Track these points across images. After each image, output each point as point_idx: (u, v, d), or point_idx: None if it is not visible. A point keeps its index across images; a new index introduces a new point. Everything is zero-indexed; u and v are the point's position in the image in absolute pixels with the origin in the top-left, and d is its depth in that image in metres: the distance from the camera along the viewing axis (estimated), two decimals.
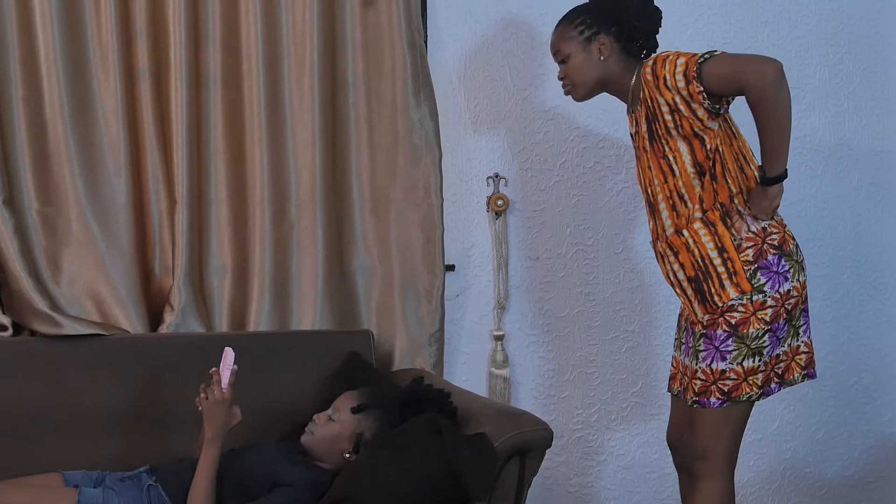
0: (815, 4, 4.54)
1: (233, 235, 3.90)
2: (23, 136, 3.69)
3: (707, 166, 3.23)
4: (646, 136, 3.32)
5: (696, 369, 3.30)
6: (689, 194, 3.26)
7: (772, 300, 3.23)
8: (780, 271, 3.25)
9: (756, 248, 3.24)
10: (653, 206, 3.37)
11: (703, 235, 3.26)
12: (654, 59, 3.27)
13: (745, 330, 3.22)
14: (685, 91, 3.17)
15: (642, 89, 3.30)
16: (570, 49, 3.43)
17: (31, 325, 3.64)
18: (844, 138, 4.61)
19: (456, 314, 4.23)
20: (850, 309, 4.67)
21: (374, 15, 3.98)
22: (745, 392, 3.28)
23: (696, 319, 3.32)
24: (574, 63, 3.43)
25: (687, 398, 3.36)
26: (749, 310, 3.22)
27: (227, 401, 3.18)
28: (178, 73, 3.76)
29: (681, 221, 3.29)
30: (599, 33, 3.40)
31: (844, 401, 4.68)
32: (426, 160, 4.02)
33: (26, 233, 3.69)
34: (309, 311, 3.93)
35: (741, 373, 3.25)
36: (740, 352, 3.24)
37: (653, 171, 3.33)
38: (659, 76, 3.22)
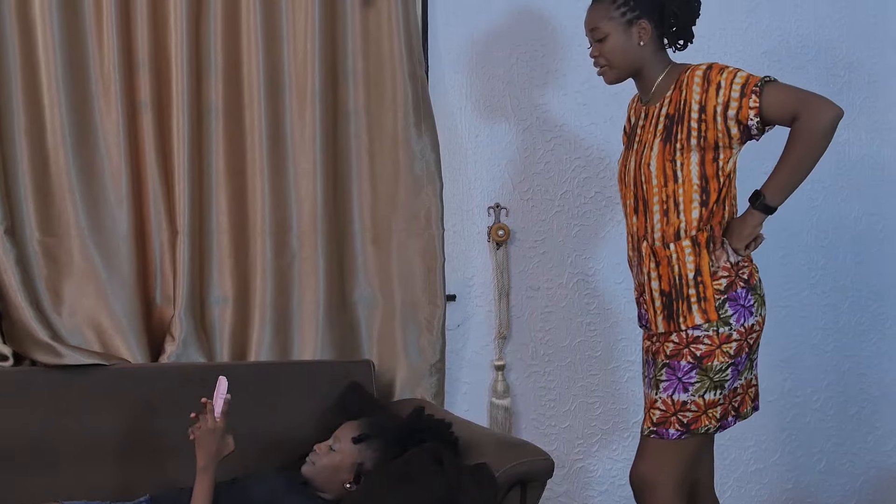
0: (814, 35, 4.56)
1: (234, 265, 3.90)
2: (25, 167, 3.69)
3: (714, 186, 3.20)
4: (660, 133, 3.25)
5: (657, 399, 3.25)
6: (685, 206, 3.21)
7: (737, 334, 3.19)
8: (746, 305, 3.21)
9: (729, 279, 3.20)
10: (645, 204, 3.28)
11: (688, 255, 3.21)
12: (710, 65, 3.20)
13: (710, 363, 3.18)
14: (736, 103, 3.12)
15: (677, 88, 3.24)
16: (610, 29, 3.30)
17: (31, 354, 3.64)
18: (845, 168, 4.62)
19: (457, 344, 4.23)
20: (851, 339, 4.67)
21: (376, 46, 3.99)
22: (704, 424, 3.22)
23: (658, 335, 3.28)
24: (613, 44, 3.30)
25: (643, 427, 3.29)
26: (715, 342, 3.18)
27: (219, 429, 3.16)
28: (180, 104, 3.77)
29: (669, 231, 3.23)
30: (641, 17, 3.29)
31: (846, 431, 4.68)
32: (427, 190, 4.03)
33: (28, 263, 3.70)
34: (310, 341, 3.93)
35: (702, 405, 3.20)
36: (703, 384, 3.19)
37: (653, 170, 3.25)
38: (713, 81, 3.16)
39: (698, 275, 3.19)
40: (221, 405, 3.16)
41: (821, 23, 4.57)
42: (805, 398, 4.63)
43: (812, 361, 4.62)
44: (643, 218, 3.30)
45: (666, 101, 3.27)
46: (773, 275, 4.55)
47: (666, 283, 3.25)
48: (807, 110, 3.08)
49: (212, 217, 3.88)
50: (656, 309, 3.28)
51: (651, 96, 3.35)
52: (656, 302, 3.28)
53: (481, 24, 4.22)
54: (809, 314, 4.62)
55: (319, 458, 3.36)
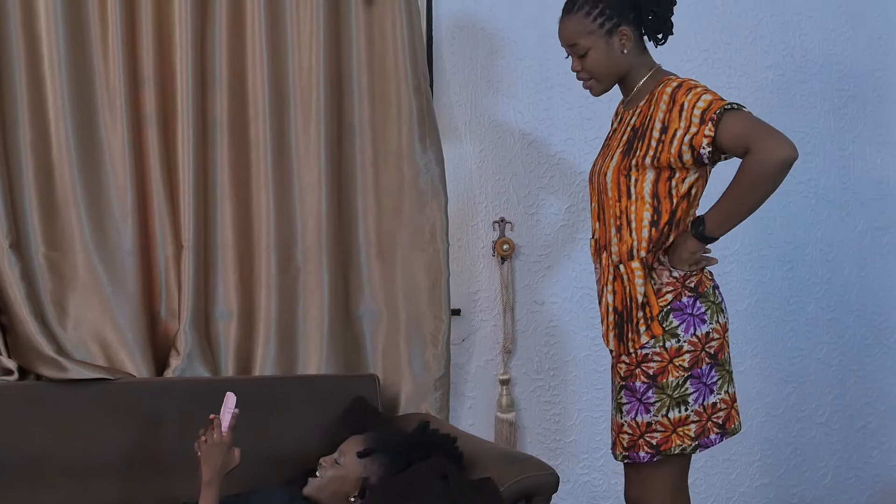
0: (819, 49, 4.56)
1: (239, 280, 3.90)
2: (30, 181, 3.70)
3: (666, 206, 3.13)
4: (623, 144, 3.19)
5: (623, 423, 3.20)
6: (637, 224, 3.15)
7: (688, 345, 3.12)
8: (694, 313, 3.14)
9: (675, 292, 3.14)
10: (604, 213, 3.23)
11: (637, 277, 3.15)
12: (680, 83, 3.12)
13: (665, 379, 3.12)
14: (695, 128, 3.04)
15: (648, 101, 3.18)
16: (591, 43, 3.20)
17: (36, 369, 3.64)
18: (849, 182, 4.62)
19: (462, 358, 4.23)
20: (856, 353, 4.66)
21: (380, 60, 4.00)
22: (677, 444, 3.15)
23: (606, 345, 3.25)
24: (596, 57, 3.21)
25: (616, 453, 3.25)
26: (665, 358, 3.12)
27: (226, 443, 3.16)
28: (185, 119, 3.78)
29: (622, 248, 3.17)
30: (621, 24, 3.19)
31: (852, 445, 4.67)
32: (432, 205, 4.03)
33: (33, 277, 3.70)
34: (315, 355, 3.93)
35: (668, 424, 3.14)
36: (663, 402, 3.13)
37: (609, 181, 3.19)
38: (677, 101, 3.09)
39: (645, 296, 3.14)
40: (229, 419, 3.17)
41: (825, 36, 4.57)
42: (810, 412, 4.62)
43: (817, 376, 4.62)
44: (603, 227, 3.25)
45: (637, 111, 3.21)
46: (778, 289, 4.56)
47: (619, 301, 3.20)
48: (759, 147, 2.97)
49: (217, 231, 3.88)
50: (609, 324, 3.24)
51: (630, 99, 3.29)
52: (609, 317, 3.24)
53: (486, 38, 4.22)
54: (814, 328, 4.62)
55: (324, 472, 3.36)
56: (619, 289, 3.19)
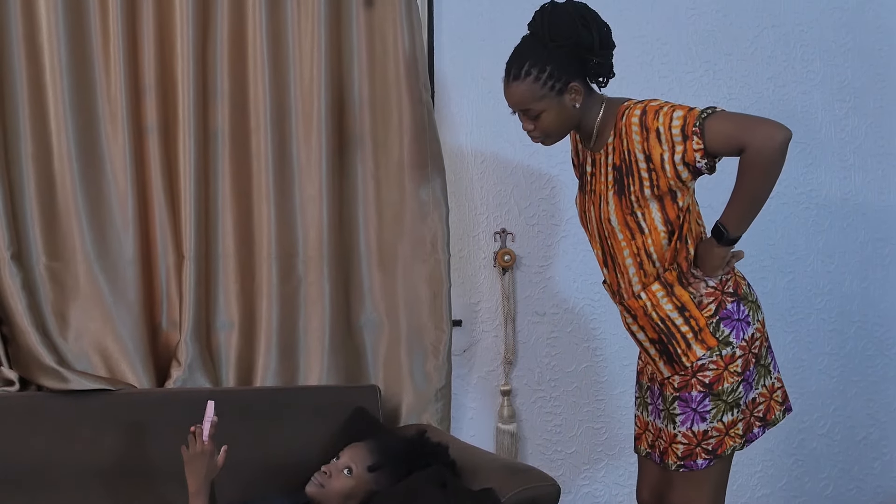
0: (820, 60, 4.57)
1: (240, 290, 3.90)
2: (31, 191, 3.70)
3: (676, 225, 3.15)
4: (612, 186, 3.18)
5: (676, 433, 3.21)
6: (658, 254, 3.16)
7: (740, 350, 3.15)
8: (741, 318, 3.17)
9: (716, 301, 3.16)
10: (614, 259, 3.24)
11: (661, 297, 3.17)
12: (643, 108, 3.10)
13: (721, 387, 3.15)
14: (680, 147, 3.03)
15: (617, 136, 3.16)
16: (544, 106, 3.17)
17: (38, 379, 3.64)
18: (850, 193, 4.62)
19: (463, 369, 4.23)
20: (858, 364, 4.66)
21: (382, 71, 4.00)
22: (729, 446, 3.20)
23: (662, 378, 3.24)
24: (549, 119, 3.19)
25: (668, 463, 3.26)
26: (721, 365, 3.14)
27: (206, 452, 3.16)
28: (187, 129, 3.78)
29: (648, 282, 3.19)
30: (570, 81, 3.16)
31: (853, 456, 4.67)
32: (433, 215, 4.03)
33: (34, 287, 3.70)
34: (316, 366, 3.93)
35: (722, 429, 3.18)
36: (719, 409, 3.16)
37: (615, 225, 3.18)
38: (650, 128, 3.07)
39: (684, 311, 3.15)
40: (209, 428, 3.17)
41: (826, 47, 4.58)
42: (811, 424, 4.62)
43: (818, 387, 4.62)
44: (614, 274, 3.28)
45: (609, 149, 3.19)
46: (780, 300, 4.56)
47: (651, 331, 3.22)
48: (753, 139, 2.96)
49: (218, 241, 3.88)
50: (653, 357, 3.25)
51: (594, 143, 3.26)
52: (650, 351, 3.26)
53: (486, 49, 4.22)
54: (815, 339, 4.62)
55: (331, 482, 3.35)
56: (644, 322, 3.22)
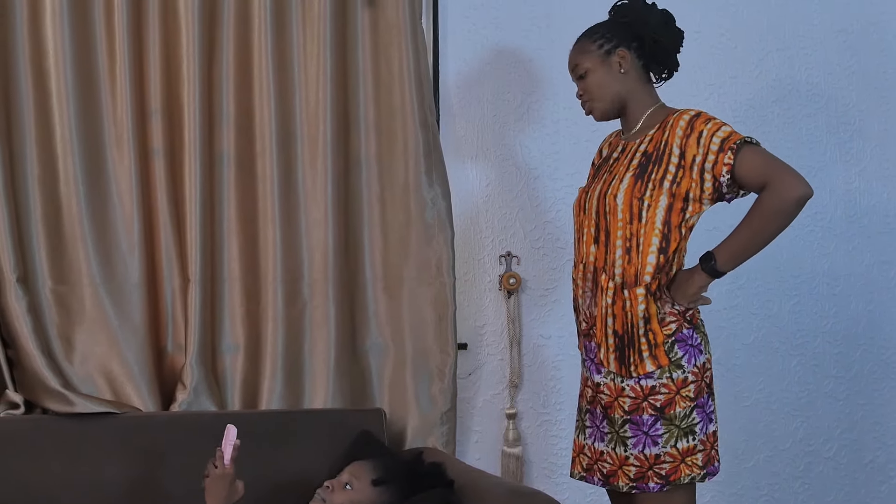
0: (825, 83, 4.57)
1: (245, 314, 3.90)
2: (38, 215, 3.71)
3: (675, 236, 3.18)
4: (633, 168, 3.23)
5: (628, 455, 3.20)
6: (645, 248, 3.18)
7: (692, 375, 3.17)
8: (694, 344, 3.20)
9: (678, 322, 3.19)
10: (608, 235, 3.25)
11: (640, 303, 3.18)
12: (697, 113, 3.21)
13: (672, 411, 3.16)
14: (713, 156, 3.12)
15: (661, 128, 3.24)
16: (590, 63, 3.31)
17: (43, 402, 3.64)
18: (856, 216, 4.62)
19: (468, 393, 4.22)
20: (864, 387, 4.65)
21: (387, 95, 4.01)
22: (686, 474, 3.17)
23: (606, 367, 3.24)
24: (594, 78, 3.32)
25: (619, 485, 3.24)
26: (672, 389, 3.16)
27: (228, 476, 3.16)
28: (192, 152, 3.79)
29: (629, 271, 3.20)
30: (619, 46, 3.30)
31: (860, 480, 4.65)
32: (438, 239, 4.03)
33: (39, 311, 3.70)
34: (321, 389, 3.93)
35: (677, 455, 3.17)
36: (671, 434, 3.16)
37: (619, 203, 3.20)
38: (696, 129, 3.16)
39: (647, 323, 3.18)
40: (230, 452, 3.16)
41: (831, 70, 4.58)
42: (818, 447, 4.60)
43: (825, 410, 4.60)
44: (603, 249, 3.27)
45: (647, 138, 3.27)
46: (785, 323, 4.55)
47: (620, 324, 3.22)
48: (778, 182, 3.06)
49: (223, 265, 3.88)
50: (609, 346, 3.25)
51: (633, 132, 3.34)
52: (609, 339, 3.25)
53: (492, 73, 4.24)
54: (821, 362, 4.61)
55: (334, 496, 3.34)
56: (620, 313, 3.21)
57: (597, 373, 3.32)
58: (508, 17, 4.27)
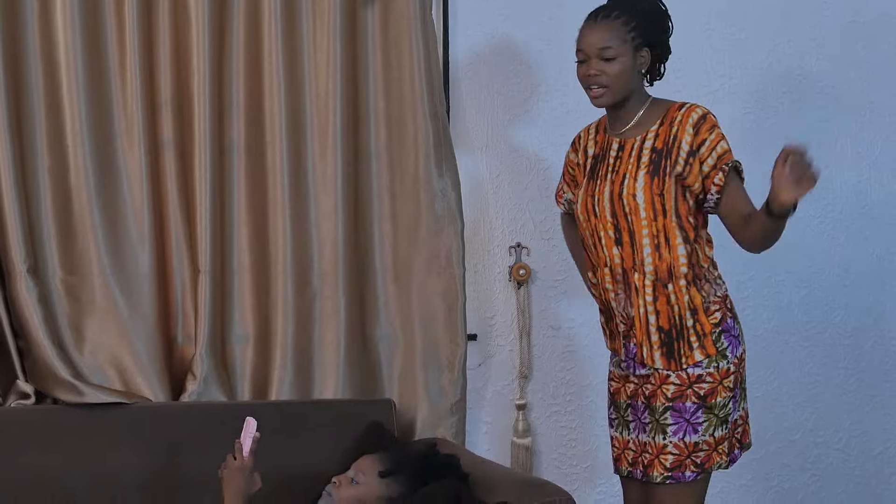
0: (836, 74, 4.56)
1: (255, 304, 3.91)
2: (48, 206, 3.71)
3: (689, 225, 3.25)
4: (645, 165, 3.24)
5: (666, 443, 3.23)
6: (673, 241, 3.22)
7: (733, 366, 3.23)
8: (735, 334, 3.27)
9: (722, 311, 3.25)
10: (631, 235, 3.26)
11: (686, 294, 3.22)
12: (704, 115, 3.24)
13: (714, 400, 3.20)
14: (708, 169, 3.20)
15: (666, 123, 3.26)
16: (622, 51, 3.25)
17: (53, 393, 3.65)
18: (867, 207, 4.60)
19: (478, 383, 4.22)
20: (875, 378, 4.64)
21: (397, 86, 4.01)
22: (716, 462, 3.25)
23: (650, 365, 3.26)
24: (621, 66, 3.26)
25: (653, 475, 3.26)
26: (716, 378, 3.20)
27: (247, 468, 3.17)
28: (202, 143, 3.79)
29: (662, 266, 3.23)
30: (646, 45, 3.29)
31: (870, 471, 4.64)
32: (448, 230, 4.03)
33: (50, 301, 3.71)
34: (331, 380, 3.93)
35: (712, 443, 3.22)
36: (710, 422, 3.21)
37: (640, 202, 3.22)
38: (700, 134, 3.21)
39: (695, 313, 3.22)
40: (250, 443, 3.17)
41: (841, 62, 4.56)
42: (828, 438, 4.60)
43: (835, 401, 4.60)
44: (629, 249, 3.28)
45: (651, 134, 3.28)
46: (795, 314, 4.55)
47: (665, 319, 3.24)
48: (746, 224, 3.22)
49: (233, 256, 3.89)
50: (652, 344, 3.26)
51: (629, 128, 3.34)
52: (653, 336, 3.26)
53: (501, 64, 4.24)
54: (832, 353, 4.60)
55: (340, 491, 3.35)
56: (664, 308, 3.24)
57: (641, 367, 3.32)
58: (518, 9, 4.26)
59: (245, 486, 3.17)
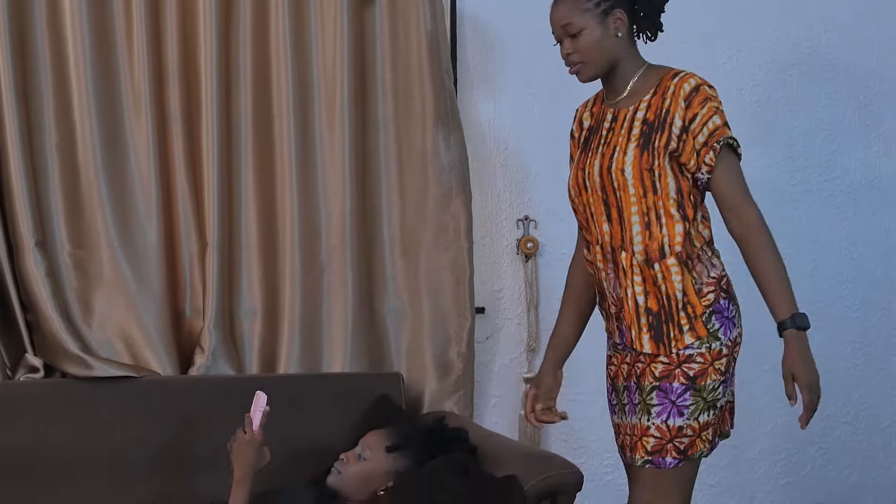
0: (844, 46, 4.54)
1: (263, 278, 3.91)
2: (56, 180, 3.72)
3: (689, 202, 3.03)
4: (635, 138, 3.03)
5: (649, 425, 3.02)
6: (667, 219, 3.01)
7: (725, 348, 3.02)
8: (729, 316, 3.05)
9: (715, 292, 3.03)
10: (620, 212, 3.05)
11: (675, 274, 3.00)
12: (697, 86, 3.00)
13: (703, 382, 2.98)
14: (699, 146, 2.98)
15: (658, 94, 3.05)
16: (586, 23, 3.04)
17: (62, 366, 3.66)
18: (875, 180, 4.60)
19: (486, 357, 4.23)
20: (882, 352, 4.64)
21: (404, 58, 4.00)
22: (699, 449, 3.03)
23: (640, 349, 3.07)
24: (589, 38, 3.05)
25: (635, 458, 3.08)
26: (707, 360, 2.99)
27: (257, 441, 3.18)
28: (210, 117, 3.79)
29: (652, 245, 3.01)
30: (616, 6, 3.04)
31: (878, 444, 4.65)
32: (456, 203, 4.03)
33: (58, 275, 3.71)
34: (339, 353, 3.93)
35: (697, 428, 3.00)
36: (697, 406, 2.99)
37: (629, 177, 3.01)
38: (693, 106, 2.98)
39: (685, 295, 3.02)
40: (260, 417, 3.18)
41: (850, 34, 4.55)
42: (835, 411, 4.60)
43: (842, 375, 4.59)
44: (618, 226, 3.07)
45: (643, 104, 3.07)
46: (803, 287, 4.49)
47: (654, 301, 3.04)
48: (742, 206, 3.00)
49: (241, 229, 3.89)
50: (641, 326, 3.07)
51: (622, 98, 3.13)
52: (641, 319, 3.06)
53: (509, 36, 4.22)
54: (839, 327, 4.60)
55: (347, 468, 3.37)
56: (652, 288, 3.04)
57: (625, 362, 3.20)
58: None
59: (255, 459, 3.18)
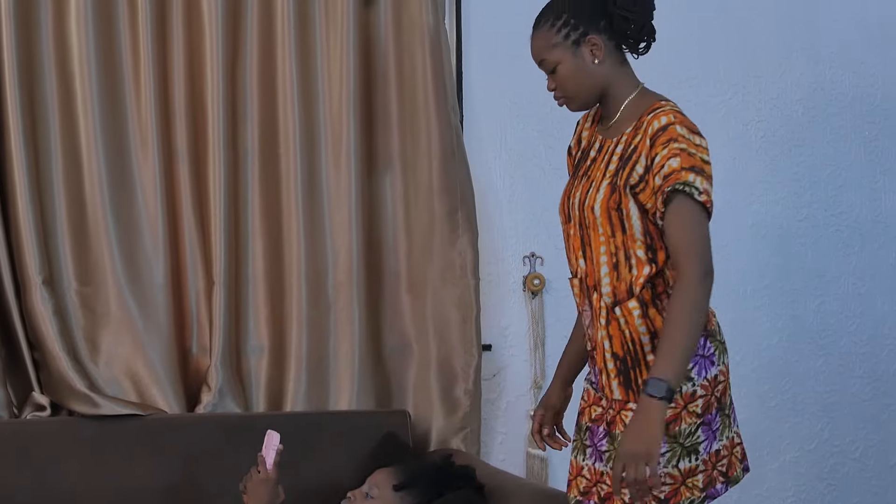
0: (849, 81, 4.55)
1: (270, 315, 3.90)
2: (62, 217, 3.72)
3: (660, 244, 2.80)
4: (609, 174, 2.84)
5: None
6: (636, 262, 2.80)
7: (701, 389, 2.79)
8: (706, 354, 2.81)
9: None
10: (592, 251, 2.87)
11: (637, 317, 2.80)
12: (664, 126, 2.75)
13: (677, 428, 2.77)
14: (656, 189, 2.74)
15: (636, 130, 2.83)
16: (558, 57, 2.88)
17: (68, 404, 3.65)
18: (881, 215, 4.59)
19: (492, 394, 4.21)
20: (891, 387, 4.62)
21: (410, 94, 4.00)
22: (686, 497, 2.82)
23: (609, 396, 2.89)
24: (566, 72, 2.89)
25: None
26: (679, 404, 2.75)
27: (271, 480, 3.18)
28: (216, 153, 3.79)
29: (620, 287, 2.82)
30: (588, 33, 2.86)
31: (888, 481, 4.62)
32: (462, 239, 4.03)
33: (65, 312, 3.71)
34: (346, 390, 3.92)
35: (678, 476, 2.79)
36: (674, 452, 2.77)
37: (597, 215, 2.84)
38: (655, 147, 2.76)
39: (654, 337, 2.82)
40: (273, 456, 3.18)
41: (855, 69, 4.55)
42: (844, 447, 4.58)
43: (851, 410, 4.58)
44: (590, 265, 2.90)
45: (624, 137, 2.89)
46: (810, 323, 4.53)
47: (619, 345, 2.85)
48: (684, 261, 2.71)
49: (248, 266, 3.89)
50: (609, 372, 2.87)
51: (612, 124, 2.95)
52: (608, 364, 2.87)
53: (515, 72, 4.21)
54: (847, 362, 4.58)
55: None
56: (616, 332, 2.86)
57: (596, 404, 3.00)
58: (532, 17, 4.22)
59: (269, 498, 3.19)
